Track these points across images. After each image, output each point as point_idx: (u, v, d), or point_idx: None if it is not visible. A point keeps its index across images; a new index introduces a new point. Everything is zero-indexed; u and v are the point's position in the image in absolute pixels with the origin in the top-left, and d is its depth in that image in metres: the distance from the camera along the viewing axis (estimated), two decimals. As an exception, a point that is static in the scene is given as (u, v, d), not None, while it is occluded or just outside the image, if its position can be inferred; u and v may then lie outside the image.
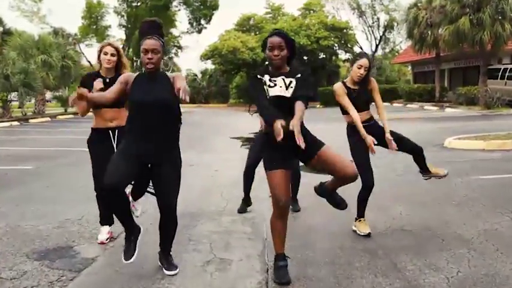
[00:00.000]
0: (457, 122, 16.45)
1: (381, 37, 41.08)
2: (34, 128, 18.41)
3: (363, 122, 4.26)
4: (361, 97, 4.35)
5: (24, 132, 16.35)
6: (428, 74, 32.65)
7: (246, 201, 5.34)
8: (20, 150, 11.10)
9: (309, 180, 3.98)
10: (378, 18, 40.58)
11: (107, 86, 3.89)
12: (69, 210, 5.31)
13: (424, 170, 4.58)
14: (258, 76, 3.42)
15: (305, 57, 38.63)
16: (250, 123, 5.27)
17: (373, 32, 40.97)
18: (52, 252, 4.02)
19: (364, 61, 4.30)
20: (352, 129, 4.34)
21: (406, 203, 5.29)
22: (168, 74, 3.41)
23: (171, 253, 3.61)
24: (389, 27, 40.39)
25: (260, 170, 6.86)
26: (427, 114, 21.12)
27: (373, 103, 4.46)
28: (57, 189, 6.60)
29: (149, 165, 3.41)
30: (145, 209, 4.69)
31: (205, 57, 37.70)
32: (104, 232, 4.29)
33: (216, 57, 36.83)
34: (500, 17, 21.40)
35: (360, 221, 4.47)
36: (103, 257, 3.91)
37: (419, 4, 27.12)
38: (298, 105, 3.28)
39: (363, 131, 4.16)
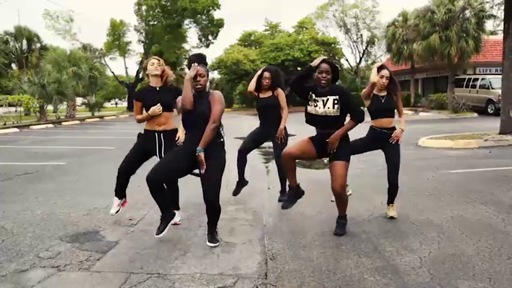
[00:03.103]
0: (429, 124, 16.43)
1: (364, 51, 40.90)
2: (66, 130, 18.40)
3: (380, 128, 4.45)
4: (385, 104, 4.44)
5: (58, 133, 16.34)
6: (405, 83, 32.51)
7: (241, 184, 5.32)
8: (54, 149, 11.10)
9: (305, 176, 3.99)
10: (361, 35, 40.43)
11: (158, 92, 4.16)
12: (96, 200, 5.31)
13: (389, 202, 4.56)
14: (310, 92, 3.82)
15: (299, 68, 38.56)
16: (252, 125, 5.27)
17: (357, 47, 40.81)
18: (82, 236, 4.02)
19: (384, 72, 4.41)
20: (370, 130, 4.54)
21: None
22: (212, 92, 3.68)
23: (217, 230, 3.82)
24: (371, 42, 40.20)
25: (258, 164, 6.84)
26: (404, 117, 21.06)
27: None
28: (86, 182, 6.60)
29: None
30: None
31: (212, 68, 37.63)
32: (115, 204, 4.41)
33: (222, 68, 36.75)
34: (464, 35, 21.44)
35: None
36: (125, 240, 3.91)
37: (396, 23, 27.06)
38: (348, 123, 3.82)
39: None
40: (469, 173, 6.81)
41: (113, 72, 38.29)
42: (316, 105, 3.81)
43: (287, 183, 4.56)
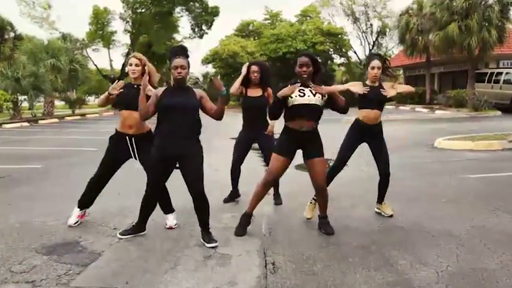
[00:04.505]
0: (446, 123, 16.46)
1: (374, 42, 40.99)
2: (43, 129, 18.38)
3: (367, 122, 4.68)
4: (376, 95, 4.63)
5: (34, 133, 16.32)
6: (419, 78, 32.64)
7: (234, 195, 5.56)
8: (29, 150, 11.08)
9: (308, 180, 4.03)
10: (371, 25, 40.50)
11: (136, 91, 4.20)
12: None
13: (380, 200, 4.87)
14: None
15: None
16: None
17: (366, 38, 40.90)
18: (60, 247, 4.01)
19: (375, 62, 4.65)
20: (356, 123, 4.77)
21: (397, 201, 5.29)
22: (195, 90, 4.02)
23: (210, 230, 4.08)
24: (382, 33, 40.30)
25: (258, 167, 6.85)
26: (418, 116, 21.11)
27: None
28: (65, 187, 6.58)
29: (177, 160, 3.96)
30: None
31: (206, 61, 37.60)
32: (74, 215, 4.58)
33: (217, 61, 36.72)
34: (486, 24, 21.39)
35: (310, 202, 4.81)
36: (109, 251, 3.90)
37: (410, 11, 27.10)
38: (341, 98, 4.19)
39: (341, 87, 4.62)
40: (492, 178, 6.82)
41: (95, 65, 38.22)
42: (304, 95, 4.08)
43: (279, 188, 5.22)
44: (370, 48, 40.44)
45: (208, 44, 71.02)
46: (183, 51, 3.98)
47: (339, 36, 37.37)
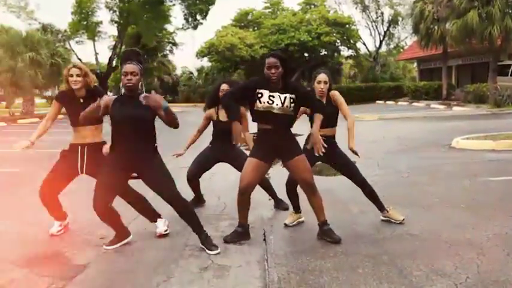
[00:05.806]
0: (465, 121, 16.47)
1: (385, 32, 41.06)
2: (22, 129, 18.37)
3: (323, 137, 4.53)
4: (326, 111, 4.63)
5: (12, 134, 16.31)
6: (435, 71, 32.69)
7: (200, 202, 5.72)
8: (6, 153, 11.07)
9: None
10: (382, 13, 40.59)
11: (82, 104, 4.38)
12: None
13: (381, 208, 4.83)
14: (258, 90, 4.10)
15: (306, 54, 38.67)
16: (252, 125, 5.31)
17: (376, 28, 40.99)
18: (41, 258, 4.02)
19: (322, 76, 4.69)
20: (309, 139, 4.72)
21: (412, 206, 5.30)
22: (144, 95, 3.96)
23: (208, 234, 4.15)
24: (393, 22, 40.38)
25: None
26: (434, 113, 21.12)
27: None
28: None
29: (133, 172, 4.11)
30: (137, 215, 4.72)
31: (201, 54, 37.69)
32: (56, 225, 4.66)
33: (213, 55, 36.83)
34: (510, 11, 21.36)
35: (290, 213, 4.94)
36: (95, 264, 3.90)
37: (425, -3, 27.15)
38: (317, 118, 4.18)
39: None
40: (515, 181, 6.83)
41: (79, 59, 38.14)
42: (273, 102, 4.09)
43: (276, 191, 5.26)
44: (381, 39, 40.48)
45: (203, 35, 71.38)
46: (135, 56, 4.05)
47: (347, 26, 37.46)
